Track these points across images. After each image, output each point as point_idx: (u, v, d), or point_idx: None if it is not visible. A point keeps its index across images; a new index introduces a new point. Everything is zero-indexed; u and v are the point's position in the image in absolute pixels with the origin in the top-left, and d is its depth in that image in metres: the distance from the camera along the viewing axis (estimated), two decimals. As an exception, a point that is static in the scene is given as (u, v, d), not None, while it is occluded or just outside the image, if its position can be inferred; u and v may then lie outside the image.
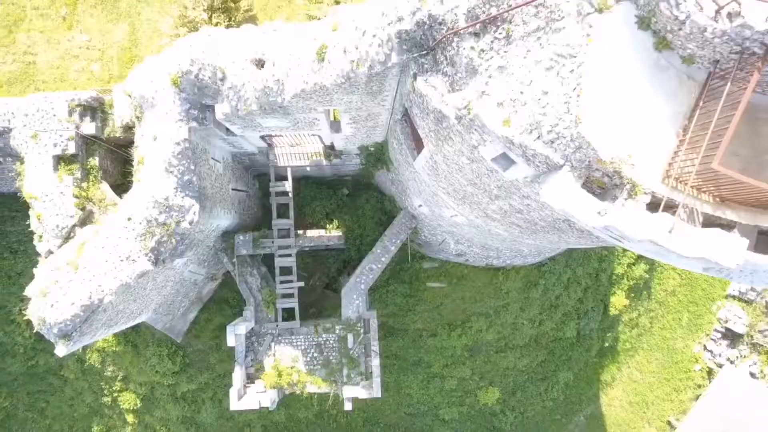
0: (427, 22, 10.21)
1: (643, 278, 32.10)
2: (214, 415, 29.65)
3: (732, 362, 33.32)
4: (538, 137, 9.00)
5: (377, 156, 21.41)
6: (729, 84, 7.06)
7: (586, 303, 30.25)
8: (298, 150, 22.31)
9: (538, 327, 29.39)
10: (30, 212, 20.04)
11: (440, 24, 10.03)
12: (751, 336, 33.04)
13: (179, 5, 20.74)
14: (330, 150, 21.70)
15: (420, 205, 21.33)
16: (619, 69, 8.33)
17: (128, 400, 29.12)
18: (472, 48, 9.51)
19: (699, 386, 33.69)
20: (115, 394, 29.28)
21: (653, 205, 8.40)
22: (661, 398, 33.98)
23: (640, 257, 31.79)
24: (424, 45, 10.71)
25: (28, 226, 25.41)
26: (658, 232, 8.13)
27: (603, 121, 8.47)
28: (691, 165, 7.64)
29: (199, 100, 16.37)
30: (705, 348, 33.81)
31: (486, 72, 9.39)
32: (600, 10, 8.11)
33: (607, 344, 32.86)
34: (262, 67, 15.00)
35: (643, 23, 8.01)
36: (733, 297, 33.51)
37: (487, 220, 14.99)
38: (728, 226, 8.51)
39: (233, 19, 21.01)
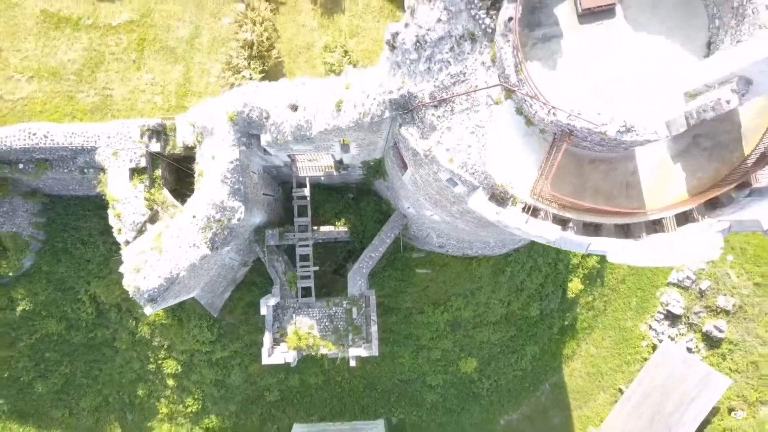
0: (407, 95, 16.43)
1: (596, 268, 37.06)
2: (241, 379, 34.62)
3: (672, 339, 39.20)
4: (466, 170, 15.25)
5: (376, 169, 26.49)
6: (556, 145, 13.37)
7: (546, 287, 35.01)
8: (314, 164, 27.75)
9: (507, 306, 34.17)
10: (109, 211, 25.12)
11: (415, 97, 16.26)
12: (688, 317, 38.62)
13: (225, 54, 26.84)
14: (339, 164, 27.00)
15: (408, 207, 26.71)
16: (507, 135, 14.58)
17: (170, 366, 33.92)
18: (433, 114, 15.78)
19: (645, 359, 38.58)
20: (160, 362, 34.02)
21: (527, 210, 14.72)
22: (613, 369, 39.05)
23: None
24: (406, 107, 16.92)
25: (97, 223, 31.28)
26: (520, 223, 14.42)
27: (498, 163, 14.73)
28: (543, 187, 13.88)
29: (248, 130, 22.16)
30: (650, 327, 39.09)
31: (440, 129, 15.64)
32: (497, 103, 14.46)
33: (567, 323, 37.62)
34: (296, 110, 20.87)
35: (519, 112, 14.32)
36: (673, 284, 38.89)
37: (453, 218, 21.23)
38: (568, 220, 14.87)
39: (266, 64, 26.85)
